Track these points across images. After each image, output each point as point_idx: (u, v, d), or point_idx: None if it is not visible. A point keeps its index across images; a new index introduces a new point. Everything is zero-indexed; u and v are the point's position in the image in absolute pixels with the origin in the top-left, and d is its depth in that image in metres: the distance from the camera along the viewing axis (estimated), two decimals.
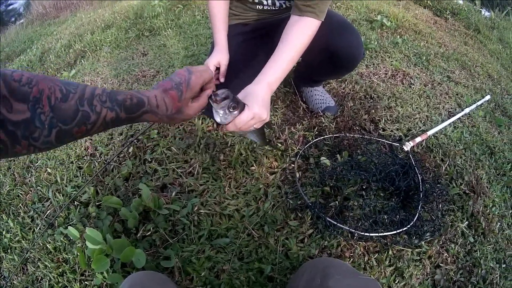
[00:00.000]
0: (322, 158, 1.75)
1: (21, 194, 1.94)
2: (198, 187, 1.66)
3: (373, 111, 2.19)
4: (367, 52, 2.97)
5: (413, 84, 2.65)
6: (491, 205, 1.76)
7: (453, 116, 2.31)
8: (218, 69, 1.77)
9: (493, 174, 2.00)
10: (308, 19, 1.45)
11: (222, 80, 1.76)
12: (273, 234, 1.49)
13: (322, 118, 2.04)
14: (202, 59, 2.80)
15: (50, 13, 9.41)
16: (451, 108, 2.47)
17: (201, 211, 1.55)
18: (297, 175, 1.66)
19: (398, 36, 3.52)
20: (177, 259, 1.45)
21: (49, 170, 1.99)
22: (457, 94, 2.69)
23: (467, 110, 2.42)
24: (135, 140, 1.98)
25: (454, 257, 1.54)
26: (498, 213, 1.75)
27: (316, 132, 1.95)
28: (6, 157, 0.72)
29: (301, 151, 1.79)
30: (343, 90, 2.36)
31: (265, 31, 1.93)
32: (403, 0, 5.36)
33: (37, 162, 2.12)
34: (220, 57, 1.75)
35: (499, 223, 1.69)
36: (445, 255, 1.52)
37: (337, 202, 1.54)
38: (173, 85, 0.97)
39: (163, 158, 1.84)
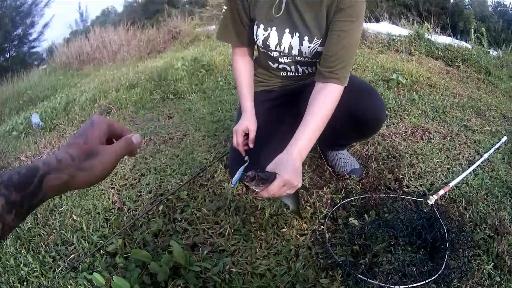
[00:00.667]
0: (350, 218, 1.81)
1: (42, 234, 1.96)
2: (229, 247, 1.69)
3: (396, 170, 2.26)
4: (387, 112, 3.04)
5: (433, 139, 2.73)
6: None
7: (472, 164, 2.37)
8: (246, 135, 1.85)
9: None
10: (332, 85, 1.57)
11: (251, 145, 1.84)
12: None
13: (348, 181, 2.11)
14: (228, 124, 2.90)
15: (72, 63, 9.85)
16: (471, 156, 2.53)
17: (233, 269, 1.56)
18: (327, 236, 1.72)
19: (414, 93, 3.66)
20: None
21: (74, 217, 2.03)
22: (475, 142, 2.76)
23: (485, 156, 2.48)
24: (164, 199, 2.01)
25: None
26: None
27: (343, 194, 2.01)
28: None
29: (329, 213, 1.86)
30: (366, 152, 2.45)
31: (290, 97, 2.04)
32: (415, 55, 5.48)
33: (62, 207, 2.16)
34: (248, 124, 1.84)
35: None
36: None
37: (366, 259, 1.59)
38: (77, 134, 0.81)
39: (193, 219, 1.88)
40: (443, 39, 6.42)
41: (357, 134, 1.94)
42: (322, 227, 1.79)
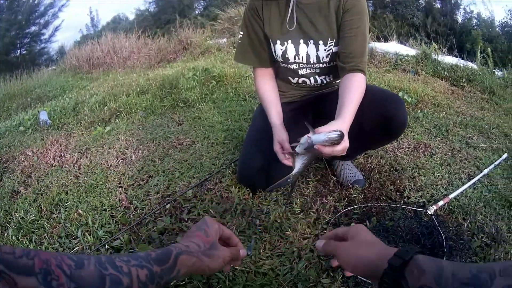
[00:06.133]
0: (352, 224, 1.86)
1: (46, 226, 1.99)
2: None
3: (398, 181, 2.32)
4: None
5: (434, 154, 2.79)
6: None
7: (472, 178, 2.42)
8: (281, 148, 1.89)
9: None
10: (359, 75, 1.77)
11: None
12: None
13: (351, 190, 2.17)
14: (237, 133, 2.95)
15: (82, 67, 9.96)
16: (471, 172, 2.58)
17: (236, 267, 1.58)
18: None
19: (419, 111, 3.72)
20: None
21: (80, 211, 2.06)
22: (475, 158, 2.81)
23: (485, 171, 2.53)
24: (172, 200, 2.06)
25: None
26: None
27: (346, 203, 2.06)
28: None
29: (332, 220, 1.92)
30: (370, 165, 2.52)
31: (311, 106, 2.18)
32: (422, 75, 5.56)
33: (67, 202, 2.20)
34: (280, 137, 1.90)
35: None
36: None
37: None
38: (194, 229, 1.04)
39: (200, 219, 1.88)
40: (449, 60, 6.50)
41: (381, 138, 2.00)
42: (325, 231, 1.84)
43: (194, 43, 9.10)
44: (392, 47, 7.03)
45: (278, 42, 1.95)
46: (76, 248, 1.81)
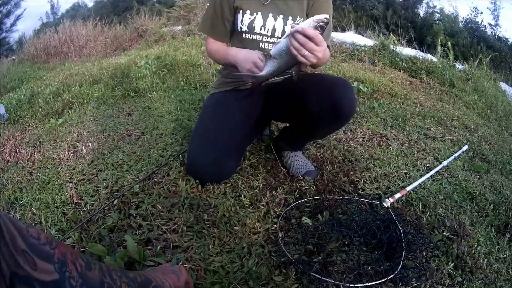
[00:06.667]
0: (303, 218, 1.80)
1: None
2: (182, 243, 1.68)
3: (351, 173, 2.27)
4: None
5: (390, 145, 2.77)
6: (476, 245, 1.79)
7: (431, 170, 2.40)
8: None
9: (476, 216, 2.07)
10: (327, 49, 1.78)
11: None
12: None
13: (303, 182, 2.11)
14: (185, 124, 2.92)
15: (40, 56, 9.80)
16: (429, 163, 2.57)
17: (186, 265, 1.55)
18: (280, 235, 1.71)
19: (375, 101, 3.72)
20: None
21: (33, 210, 2.02)
22: (434, 149, 2.81)
23: (445, 163, 2.52)
24: (120, 195, 2.01)
25: None
26: (484, 251, 1.78)
27: (297, 195, 2.01)
28: None
29: (282, 213, 1.85)
30: (322, 156, 2.46)
31: (262, 94, 2.19)
32: (378, 65, 5.59)
33: (22, 200, 2.16)
34: (253, 53, 1.82)
35: (486, 259, 1.72)
36: None
37: (320, 258, 1.58)
38: (169, 269, 1.26)
39: (148, 215, 1.86)
40: (408, 51, 6.57)
41: (331, 122, 1.94)
42: (275, 226, 1.78)
43: (149, 31, 9.05)
44: (349, 37, 7.04)
45: (248, 11, 2.01)
46: None
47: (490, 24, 24.85)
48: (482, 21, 24.90)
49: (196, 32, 7.62)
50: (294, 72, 1.64)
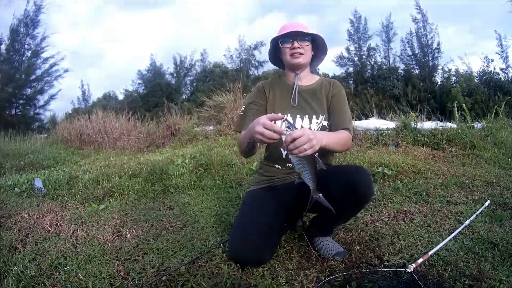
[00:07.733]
0: None
1: (47, 283, 2.09)
2: None
3: (377, 248, 2.43)
4: (371, 202, 3.31)
5: (414, 219, 2.91)
6: (498, 284, 1.89)
7: (453, 232, 2.51)
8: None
9: (498, 260, 2.17)
10: (345, 131, 2.29)
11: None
12: None
13: (333, 262, 2.27)
14: (225, 218, 3.09)
15: (74, 141, 10.38)
16: (451, 227, 2.68)
17: None
18: None
19: (399, 181, 3.87)
20: None
21: (80, 275, 2.14)
22: (456, 213, 2.92)
23: (466, 223, 2.63)
24: (167, 275, 2.14)
25: None
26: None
27: (328, 273, 2.16)
28: None
29: None
30: (350, 238, 2.63)
31: (293, 191, 2.37)
32: (402, 146, 5.78)
33: (66, 266, 2.29)
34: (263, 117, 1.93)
35: None
36: None
37: None
38: None
39: None
40: (428, 125, 6.72)
41: (350, 205, 2.21)
42: None
43: (182, 130, 9.38)
44: (372, 123, 7.32)
45: (279, 113, 2.30)
46: None
47: (501, 69, 24.73)
48: (494, 68, 24.70)
49: (228, 132, 7.98)
50: (322, 165, 1.91)
